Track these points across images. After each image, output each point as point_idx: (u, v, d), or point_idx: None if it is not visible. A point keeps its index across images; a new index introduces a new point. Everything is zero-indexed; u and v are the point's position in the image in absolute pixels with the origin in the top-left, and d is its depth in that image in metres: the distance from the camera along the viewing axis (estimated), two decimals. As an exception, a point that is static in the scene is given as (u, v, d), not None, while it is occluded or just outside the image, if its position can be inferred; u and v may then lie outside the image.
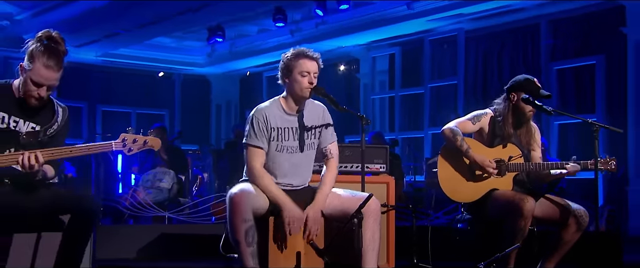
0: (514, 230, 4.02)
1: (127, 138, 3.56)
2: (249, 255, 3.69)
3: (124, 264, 6.18)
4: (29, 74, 3.49)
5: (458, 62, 11.98)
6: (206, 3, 11.57)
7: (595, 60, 10.44)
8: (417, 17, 11.37)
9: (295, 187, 4.03)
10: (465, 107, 11.92)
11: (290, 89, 4.00)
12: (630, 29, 9.99)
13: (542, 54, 11.06)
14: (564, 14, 10.80)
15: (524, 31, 11.35)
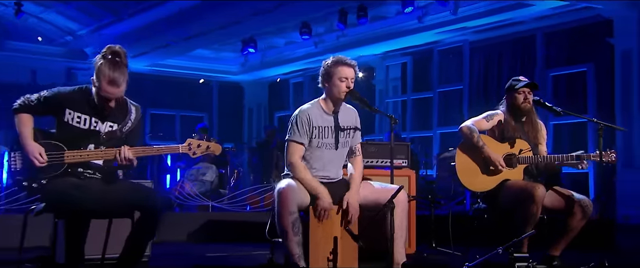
0: (526, 215, 3.98)
1: (192, 143, 3.58)
2: (294, 244, 3.69)
3: (178, 246, 6.19)
4: (99, 91, 3.50)
5: (463, 70, 11.94)
6: (240, 19, 11.60)
7: (586, 68, 10.38)
8: (427, 30, 11.34)
9: (332, 179, 4.01)
10: (469, 109, 11.86)
11: (330, 92, 3.97)
12: (617, 40, 9.95)
13: (538, 62, 11.00)
14: (557, 26, 10.75)
15: (522, 42, 11.28)
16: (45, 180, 3.51)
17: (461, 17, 10.69)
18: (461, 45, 11.95)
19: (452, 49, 12.25)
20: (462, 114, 11.92)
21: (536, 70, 10.93)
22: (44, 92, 3.64)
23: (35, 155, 3.48)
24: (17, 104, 3.63)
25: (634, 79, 9.70)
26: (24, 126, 3.58)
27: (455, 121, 12.12)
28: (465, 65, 11.92)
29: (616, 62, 9.88)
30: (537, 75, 10.83)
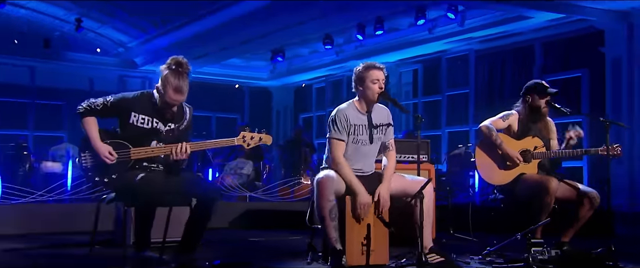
0: (541, 206, 3.92)
1: (246, 136, 3.56)
2: (332, 228, 3.65)
3: (222, 232, 6.19)
4: (165, 97, 3.50)
5: (469, 75, 11.86)
6: (270, 32, 11.61)
7: (581, 73, 10.26)
8: (436, 40, 11.27)
9: (365, 173, 3.96)
10: (475, 111, 11.79)
11: (364, 94, 3.93)
12: (607, 49, 9.88)
13: (537, 68, 10.90)
14: (554, 36, 10.65)
15: (522, 51, 11.19)
16: (115, 175, 3.51)
17: (467, 28, 10.63)
18: (467, 53, 11.87)
19: (459, 57, 12.16)
20: (468, 115, 11.85)
21: (535, 76, 10.82)
22: (109, 97, 3.64)
23: (106, 155, 3.50)
24: (82, 107, 3.62)
25: (623, 83, 9.63)
26: (92, 128, 3.58)
27: (461, 121, 12.08)
28: (471, 71, 11.84)
29: (607, 69, 9.81)
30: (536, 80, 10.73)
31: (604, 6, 9.44)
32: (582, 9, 9.45)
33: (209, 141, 3.75)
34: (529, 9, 9.47)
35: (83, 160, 3.56)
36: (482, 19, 10.46)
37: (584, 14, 9.56)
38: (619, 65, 9.81)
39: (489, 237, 4.38)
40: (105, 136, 3.58)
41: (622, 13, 9.59)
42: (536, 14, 9.68)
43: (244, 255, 4.55)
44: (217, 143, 3.75)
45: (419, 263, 3.50)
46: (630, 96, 9.57)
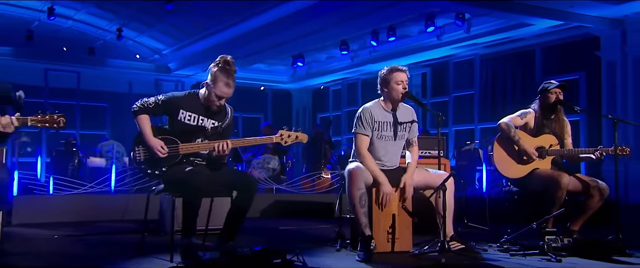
0: (553, 198, 3.83)
1: (283, 134, 3.52)
2: (362, 214, 3.61)
3: (254, 221, 6.17)
4: (213, 90, 3.48)
5: (474, 78, 11.75)
6: (291, 39, 11.59)
7: (578, 76, 10.13)
8: (444, 45, 11.19)
9: (390, 167, 3.91)
10: (479, 111, 11.69)
11: (389, 95, 3.88)
12: (603, 53, 9.79)
13: (537, 71, 10.78)
14: (553, 42, 10.53)
15: (523, 55, 11.07)
16: (165, 167, 3.50)
17: (473, 35, 10.54)
18: (473, 58, 11.76)
19: (465, 61, 12.06)
20: (473, 114, 11.75)
21: (536, 78, 10.71)
22: (160, 96, 3.63)
23: (158, 149, 3.49)
24: (136, 106, 3.61)
25: (618, 85, 9.54)
26: (145, 125, 3.57)
27: (467, 120, 11.98)
28: (476, 74, 11.74)
29: (603, 71, 9.71)
30: (537, 82, 10.60)
31: (599, 14, 9.33)
32: (580, 16, 9.35)
33: (251, 138, 3.72)
34: (530, 17, 9.37)
35: (137, 154, 3.55)
36: (487, 26, 10.36)
37: (581, 21, 9.45)
38: (613, 68, 9.70)
39: (500, 226, 4.30)
40: (157, 132, 3.56)
41: (616, 20, 9.49)
42: (537, 21, 9.57)
43: (278, 242, 4.53)
44: (258, 140, 3.73)
45: (441, 250, 3.45)
46: (625, 97, 9.47)
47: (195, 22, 11.92)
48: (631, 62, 9.56)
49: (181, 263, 3.27)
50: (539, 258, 3.52)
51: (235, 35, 11.82)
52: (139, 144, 3.57)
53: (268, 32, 11.16)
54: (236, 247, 3.17)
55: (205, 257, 3.10)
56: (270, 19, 10.86)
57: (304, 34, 11.17)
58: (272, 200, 6.95)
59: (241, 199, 3.49)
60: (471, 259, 3.51)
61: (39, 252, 3.89)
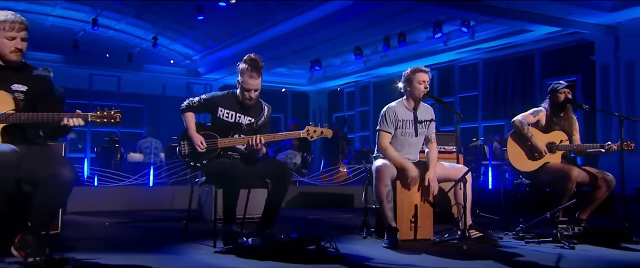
0: (563, 190, 3.73)
1: (310, 129, 3.46)
2: (388, 209, 3.54)
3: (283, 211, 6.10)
4: (242, 85, 3.45)
5: (478, 80, 11.64)
6: (309, 46, 11.56)
7: (575, 78, 9.99)
8: (450, 50, 11.11)
9: (411, 160, 3.85)
10: (483, 111, 11.56)
11: (411, 94, 3.80)
12: (597, 57, 9.70)
13: (536, 74, 10.64)
14: (551, 46, 10.43)
15: (524, 59, 10.97)
16: (205, 160, 3.47)
17: (477, 40, 10.46)
18: (477, 61, 11.65)
19: (470, 65, 11.95)
20: (477, 114, 11.63)
21: (535, 81, 10.58)
22: (203, 95, 3.61)
23: (198, 144, 3.46)
24: (184, 105, 3.59)
25: (611, 86, 9.46)
26: (190, 122, 3.55)
27: (472, 119, 11.85)
28: (479, 76, 11.63)
29: (597, 74, 9.62)
30: (536, 84, 10.48)
31: (594, 21, 9.21)
32: (576, 23, 9.23)
33: (280, 133, 3.66)
34: (530, 23, 9.26)
35: (182, 148, 3.53)
36: (490, 32, 10.26)
37: (577, 27, 9.33)
38: (607, 71, 9.59)
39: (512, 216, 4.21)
40: (200, 128, 3.54)
41: (609, 27, 9.38)
42: (536, 27, 9.46)
43: (308, 230, 4.47)
44: (287, 135, 3.66)
45: (462, 237, 3.38)
46: (617, 97, 9.34)
47: (222, 31, 11.93)
48: (623, 66, 9.42)
49: (223, 248, 3.24)
50: (553, 245, 3.43)
51: (259, 42, 11.81)
52: (184, 139, 3.55)
53: (288, 40, 11.15)
54: (275, 234, 3.12)
55: (248, 243, 3.05)
56: (291, 27, 10.84)
57: (321, 41, 11.14)
58: (297, 192, 6.91)
59: (276, 189, 3.44)
60: (489, 246, 3.44)
61: (96, 237, 3.89)
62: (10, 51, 2.55)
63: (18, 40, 2.56)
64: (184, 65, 14.09)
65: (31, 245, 2.40)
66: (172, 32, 12.39)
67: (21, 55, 2.59)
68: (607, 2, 8.76)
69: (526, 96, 10.78)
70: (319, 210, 6.41)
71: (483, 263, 2.87)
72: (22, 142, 2.52)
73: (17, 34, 2.56)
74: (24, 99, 2.57)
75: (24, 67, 2.67)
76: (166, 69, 13.78)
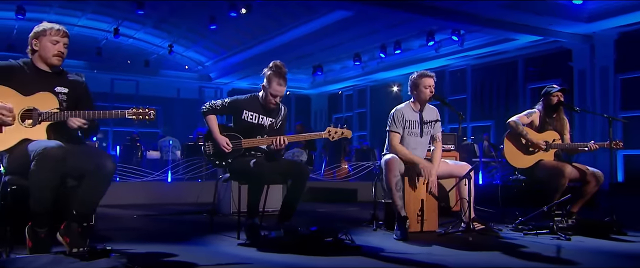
0: (557, 185, 3.68)
1: (331, 130, 3.39)
2: (398, 198, 3.48)
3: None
4: (269, 90, 3.38)
5: (467, 84, 11.60)
6: (312, 53, 11.49)
7: (554, 82, 9.92)
8: (441, 57, 11.07)
9: None
10: (471, 112, 11.52)
11: (418, 97, 3.74)
12: (575, 63, 9.70)
13: (519, 79, 10.61)
14: (533, 54, 10.42)
15: (508, 65, 10.93)
16: (230, 159, 3.40)
17: (466, 48, 10.42)
18: (465, 67, 11.61)
19: (459, 70, 11.91)
20: (466, 115, 11.59)
21: (518, 85, 10.55)
22: (226, 99, 3.52)
23: (224, 145, 3.39)
24: (205, 108, 3.51)
25: (587, 90, 9.44)
26: (213, 124, 3.47)
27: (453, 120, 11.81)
28: (468, 81, 11.59)
29: (575, 78, 9.61)
30: (520, 88, 10.46)
31: (572, 31, 9.21)
32: (556, 32, 9.22)
33: (303, 134, 3.60)
34: (514, 33, 9.23)
35: (207, 148, 3.46)
36: (477, 41, 10.23)
37: (557, 36, 9.32)
38: (584, 76, 9.58)
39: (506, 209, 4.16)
40: (223, 130, 3.47)
41: (586, 36, 9.37)
42: (520, 36, 9.44)
43: (322, 222, 4.41)
44: (310, 136, 3.59)
45: (467, 229, 3.33)
46: (593, 100, 9.35)
47: (232, 39, 11.85)
48: (598, 71, 9.42)
49: (247, 241, 3.18)
50: (550, 237, 3.38)
51: (266, 50, 11.75)
52: (208, 140, 3.48)
53: (293, 47, 11.09)
54: (297, 227, 3.06)
55: (272, 235, 2.99)
56: (295, 36, 10.80)
57: (323, 48, 11.08)
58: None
59: (296, 185, 3.37)
60: (492, 237, 3.39)
61: (127, 228, 3.82)
62: (53, 55, 2.55)
63: (61, 44, 2.57)
64: (197, 71, 14.01)
65: (75, 235, 2.39)
66: (187, 41, 12.31)
67: (62, 60, 2.59)
68: (583, 14, 8.75)
69: (510, 99, 10.75)
70: (325, 203, 6.34)
71: (490, 254, 2.83)
72: (65, 138, 2.50)
73: (61, 40, 2.57)
74: (66, 100, 2.58)
75: (63, 72, 2.68)
76: (180, 74, 13.70)
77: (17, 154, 2.38)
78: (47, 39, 2.54)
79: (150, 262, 2.48)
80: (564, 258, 2.74)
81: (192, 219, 4.46)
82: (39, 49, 2.55)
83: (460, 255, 2.80)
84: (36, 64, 2.57)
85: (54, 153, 2.28)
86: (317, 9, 9.50)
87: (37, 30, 2.57)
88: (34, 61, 2.57)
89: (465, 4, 8.08)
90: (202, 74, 14.08)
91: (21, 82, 2.47)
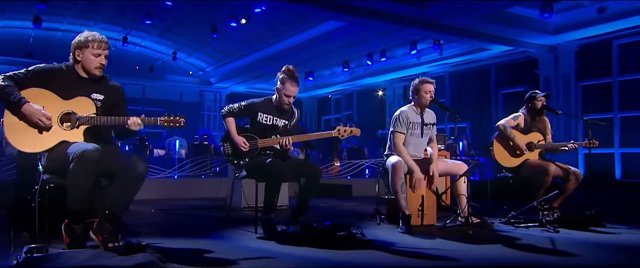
0: (541, 183, 3.68)
1: (340, 129, 3.30)
2: (402, 199, 3.43)
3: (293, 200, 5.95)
4: (282, 92, 3.29)
5: (445, 90, 11.63)
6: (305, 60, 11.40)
7: (524, 88, 10.05)
8: (422, 65, 11.07)
9: (418, 157, 3.72)
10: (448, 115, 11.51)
11: (419, 101, 3.69)
12: (541, 71, 9.80)
13: (492, 85, 10.68)
14: (505, 62, 10.49)
15: (482, 72, 10.99)
16: (247, 159, 3.30)
17: (444, 56, 10.44)
18: (443, 74, 11.64)
19: (437, 77, 11.92)
20: (444, 118, 11.64)
21: (491, 90, 10.62)
22: (243, 103, 3.42)
23: (241, 144, 3.29)
24: (224, 111, 3.41)
25: (552, 95, 9.50)
26: (231, 126, 3.38)
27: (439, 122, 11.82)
28: (446, 87, 11.62)
29: (541, 85, 9.69)
30: (492, 93, 10.53)
31: (539, 42, 9.30)
32: (525, 43, 9.31)
33: (314, 133, 3.50)
34: (488, 43, 9.29)
35: (225, 148, 3.35)
36: (455, 51, 10.27)
37: (525, 46, 9.41)
38: (549, 83, 9.68)
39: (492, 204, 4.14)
40: (239, 131, 3.37)
41: (551, 47, 9.49)
42: (493, 46, 9.50)
43: (330, 217, 4.31)
44: (320, 135, 3.50)
45: (466, 223, 3.29)
46: (557, 104, 9.43)
47: (231, 47, 11.70)
48: (561, 79, 9.54)
49: (264, 234, 3.09)
50: (540, 230, 3.37)
51: (262, 57, 11.64)
52: (226, 141, 3.38)
53: (287, 55, 10.98)
54: (313, 223, 2.98)
55: (290, 230, 2.91)
56: (290, 44, 10.69)
57: (315, 56, 10.99)
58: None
59: (309, 183, 3.28)
60: (487, 231, 3.36)
61: (149, 223, 3.68)
62: (95, 67, 2.46)
63: (102, 57, 2.47)
64: (198, 76, 13.79)
65: (108, 231, 2.30)
66: (189, 48, 12.10)
67: (102, 70, 2.50)
68: (549, 27, 8.86)
69: (484, 103, 10.83)
70: (324, 198, 6.25)
71: (491, 247, 2.78)
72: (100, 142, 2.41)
73: (103, 52, 2.47)
74: (100, 106, 2.49)
75: (103, 78, 2.57)
76: (183, 79, 13.46)
77: (55, 155, 2.31)
78: (89, 51, 2.44)
79: (181, 256, 2.38)
80: (560, 250, 2.71)
81: (204, 214, 4.33)
82: (81, 60, 2.45)
83: (467, 248, 2.75)
84: (77, 71, 2.49)
85: (91, 155, 2.20)
86: (312, 19, 9.42)
87: (79, 41, 2.46)
88: (76, 68, 2.49)
89: (446, 16, 8.10)
90: (203, 79, 13.87)
91: (62, 86, 2.40)
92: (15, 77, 2.32)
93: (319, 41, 10.14)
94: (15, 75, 2.33)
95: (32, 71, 2.37)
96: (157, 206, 4.84)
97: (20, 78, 2.33)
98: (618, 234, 3.27)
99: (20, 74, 2.34)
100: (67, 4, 9.27)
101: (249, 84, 13.60)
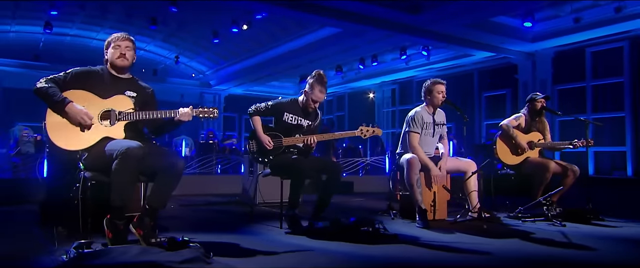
0: (541, 179, 3.66)
1: (363, 129, 3.22)
2: (417, 193, 3.36)
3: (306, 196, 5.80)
4: (310, 95, 3.20)
5: (431, 93, 11.65)
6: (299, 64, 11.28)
7: (505, 91, 10.15)
8: (410, 69, 11.07)
9: (430, 155, 3.66)
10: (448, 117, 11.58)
11: (431, 101, 3.63)
12: (519, 76, 9.82)
13: (475, 88, 10.75)
14: (487, 67, 10.54)
15: (466, 77, 11.03)
16: (272, 156, 3.19)
17: (432, 61, 10.45)
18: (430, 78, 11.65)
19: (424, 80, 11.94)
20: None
21: (474, 94, 10.69)
22: (269, 102, 3.32)
23: (266, 143, 3.18)
24: (251, 110, 3.30)
25: (530, 98, 9.59)
26: (257, 124, 3.27)
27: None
28: (432, 90, 11.65)
29: (519, 89, 9.75)
30: (475, 96, 10.59)
31: (518, 49, 9.38)
32: (505, 50, 9.38)
33: (338, 133, 3.41)
34: (472, 49, 9.33)
35: (251, 146, 3.24)
36: (441, 56, 10.29)
37: (506, 53, 9.47)
38: (527, 87, 9.75)
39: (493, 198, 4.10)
40: (265, 129, 3.26)
41: (529, 54, 9.57)
42: (476, 52, 9.55)
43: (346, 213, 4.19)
44: (343, 134, 3.42)
45: (479, 217, 3.25)
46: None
47: (230, 51, 11.50)
48: (538, 83, 9.63)
49: (289, 229, 2.98)
50: (546, 224, 3.34)
51: (260, 61, 11.47)
52: (252, 139, 3.27)
53: (284, 59, 10.85)
54: (340, 218, 2.89)
55: (319, 226, 2.81)
56: (287, 49, 10.56)
57: (309, 60, 10.88)
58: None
59: (331, 181, 3.19)
60: (498, 225, 3.32)
61: (176, 218, 3.52)
62: (117, 57, 2.43)
63: (122, 47, 2.45)
64: (198, 79, 13.53)
65: (148, 226, 2.22)
66: (191, 52, 11.85)
67: (125, 60, 2.46)
68: (528, 35, 8.95)
69: (467, 105, 10.89)
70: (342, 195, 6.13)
71: (510, 241, 2.73)
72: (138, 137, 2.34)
73: (122, 43, 2.46)
74: (134, 103, 2.44)
75: (133, 79, 2.57)
76: (184, 81, 13.19)
77: (96, 153, 2.22)
78: (112, 46, 2.46)
79: (221, 251, 2.26)
80: (576, 243, 2.67)
81: (225, 209, 4.18)
82: (108, 57, 2.45)
83: (487, 241, 2.69)
84: (110, 70, 2.46)
85: (135, 153, 2.10)
86: (309, 25, 9.31)
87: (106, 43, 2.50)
88: (108, 68, 2.47)
89: (437, 23, 8.11)
90: (203, 82, 13.61)
91: (98, 86, 2.36)
92: (56, 79, 2.29)
93: (314, 47, 10.05)
94: (56, 77, 2.30)
95: (70, 74, 2.34)
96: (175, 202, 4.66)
97: (61, 80, 2.30)
98: (620, 228, 3.27)
99: (59, 76, 2.32)
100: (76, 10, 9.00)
101: (246, 86, 13.43)
